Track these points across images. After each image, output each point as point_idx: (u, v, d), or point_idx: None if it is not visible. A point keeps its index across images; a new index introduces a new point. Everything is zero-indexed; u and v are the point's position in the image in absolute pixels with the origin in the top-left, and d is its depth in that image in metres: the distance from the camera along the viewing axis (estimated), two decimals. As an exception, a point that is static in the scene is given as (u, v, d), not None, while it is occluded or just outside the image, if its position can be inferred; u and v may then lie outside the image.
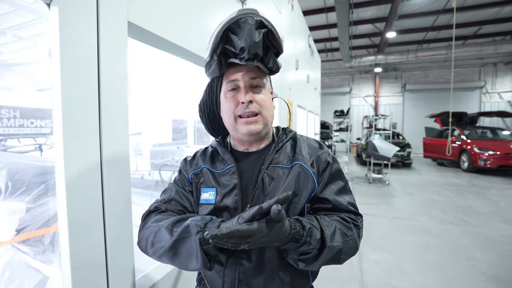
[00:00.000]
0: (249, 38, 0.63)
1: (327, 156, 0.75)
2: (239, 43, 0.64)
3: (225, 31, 0.65)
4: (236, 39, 0.65)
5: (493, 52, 9.66)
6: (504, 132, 8.57)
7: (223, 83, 0.74)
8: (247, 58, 0.66)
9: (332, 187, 0.73)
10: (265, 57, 0.70)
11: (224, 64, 0.70)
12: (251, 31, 0.64)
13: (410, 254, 2.89)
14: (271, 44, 0.69)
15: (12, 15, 1.22)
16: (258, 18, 0.65)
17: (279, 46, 0.71)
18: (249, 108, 0.69)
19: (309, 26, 5.69)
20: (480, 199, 4.97)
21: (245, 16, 0.64)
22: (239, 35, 0.65)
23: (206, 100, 0.78)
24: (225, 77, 0.73)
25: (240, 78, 0.70)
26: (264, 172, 0.71)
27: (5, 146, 1.39)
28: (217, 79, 0.75)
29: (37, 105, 1.17)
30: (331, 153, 0.78)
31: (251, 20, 0.64)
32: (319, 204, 0.72)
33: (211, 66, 0.71)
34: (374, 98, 14.57)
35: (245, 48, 0.64)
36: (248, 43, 0.63)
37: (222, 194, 0.72)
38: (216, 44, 0.66)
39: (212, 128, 0.83)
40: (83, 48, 0.69)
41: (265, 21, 0.65)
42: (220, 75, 0.74)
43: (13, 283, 1.03)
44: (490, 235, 3.33)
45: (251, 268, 0.65)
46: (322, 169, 0.73)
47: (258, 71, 0.72)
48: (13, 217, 1.01)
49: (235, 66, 0.71)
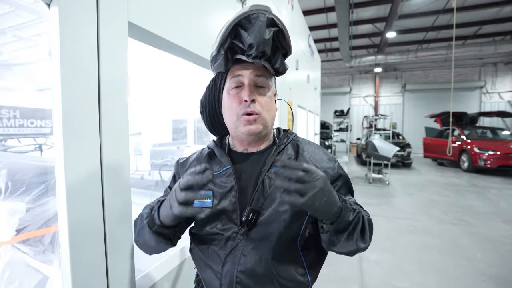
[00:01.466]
0: (259, 35, 0.62)
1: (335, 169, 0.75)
2: (248, 39, 0.63)
3: (235, 25, 0.63)
4: (246, 35, 0.63)
5: (493, 52, 9.66)
6: (504, 132, 8.57)
7: (227, 79, 0.72)
8: (255, 55, 0.64)
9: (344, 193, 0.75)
10: (273, 56, 0.70)
11: (230, 59, 0.69)
12: (261, 28, 0.62)
13: (410, 254, 2.89)
14: (280, 44, 0.68)
15: (12, 15, 1.22)
16: (270, 16, 0.63)
17: (288, 47, 0.70)
18: (251, 107, 0.68)
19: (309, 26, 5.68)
20: (480, 199, 4.97)
21: (257, 12, 0.63)
22: (249, 31, 0.63)
23: (209, 95, 0.77)
24: (229, 72, 0.71)
25: (245, 75, 0.69)
26: (265, 174, 0.71)
27: (5, 146, 1.39)
28: (222, 74, 0.74)
29: (37, 105, 1.17)
30: (338, 164, 0.77)
31: (262, 17, 0.62)
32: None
33: (217, 61, 0.70)
34: (374, 98, 14.57)
35: (254, 44, 0.63)
36: (257, 39, 0.62)
37: (219, 197, 0.71)
38: (224, 38, 0.65)
39: (212, 125, 0.82)
40: (83, 48, 0.69)
41: (276, 20, 0.64)
42: (225, 71, 0.72)
43: (13, 283, 1.03)
44: (490, 235, 3.33)
45: (249, 270, 0.65)
46: (332, 181, 0.73)
47: (264, 71, 0.71)
48: (13, 217, 1.01)
49: (241, 63, 0.70)
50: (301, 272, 0.70)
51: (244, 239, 0.67)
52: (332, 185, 0.74)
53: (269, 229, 0.67)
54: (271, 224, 0.67)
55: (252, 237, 0.67)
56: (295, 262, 0.69)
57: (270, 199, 0.69)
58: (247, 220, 0.67)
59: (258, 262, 0.65)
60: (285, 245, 0.67)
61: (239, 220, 0.68)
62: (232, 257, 0.66)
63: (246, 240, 0.67)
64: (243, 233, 0.67)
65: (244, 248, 0.66)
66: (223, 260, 0.67)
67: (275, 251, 0.66)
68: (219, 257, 0.68)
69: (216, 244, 0.69)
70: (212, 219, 0.72)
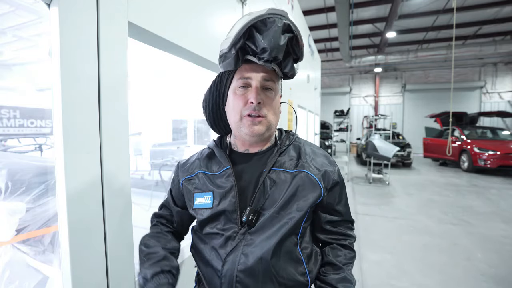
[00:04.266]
0: (274, 40, 0.61)
1: (336, 174, 0.76)
2: (262, 43, 0.62)
3: (250, 27, 0.62)
4: (260, 38, 0.62)
5: (493, 52, 9.66)
6: (504, 132, 8.57)
7: (234, 78, 0.72)
8: (266, 59, 0.63)
9: (342, 202, 0.77)
10: (283, 61, 0.69)
11: (240, 59, 0.68)
12: (277, 33, 0.61)
13: (410, 254, 2.89)
14: (293, 50, 0.68)
15: (12, 15, 1.22)
16: (286, 22, 0.63)
17: (301, 53, 0.69)
18: (257, 109, 0.68)
19: (309, 26, 5.69)
20: (480, 199, 4.97)
21: (273, 17, 0.62)
22: (264, 35, 0.62)
23: (214, 91, 0.77)
24: (238, 72, 0.71)
25: (254, 77, 0.69)
26: (266, 175, 0.71)
27: (5, 146, 1.39)
28: (229, 73, 0.73)
29: (37, 105, 1.17)
30: (338, 168, 0.79)
31: (279, 22, 0.62)
32: (331, 216, 0.76)
33: (226, 59, 0.69)
34: (374, 98, 14.57)
35: (267, 49, 0.62)
36: (271, 44, 0.61)
37: (219, 197, 0.71)
38: (238, 38, 0.63)
39: (214, 121, 0.81)
40: (83, 48, 0.69)
41: (292, 26, 0.64)
42: (233, 70, 0.72)
43: (13, 283, 1.02)
44: (490, 235, 3.33)
45: (249, 270, 0.65)
46: (332, 185, 0.74)
47: (272, 74, 0.71)
48: (13, 217, 1.01)
49: (251, 64, 0.69)
50: (300, 272, 0.70)
51: (244, 239, 0.67)
52: (332, 189, 0.75)
53: (269, 229, 0.67)
54: (271, 225, 0.67)
55: (253, 237, 0.67)
56: (295, 261, 0.70)
57: (271, 200, 0.69)
58: (247, 220, 0.67)
59: (258, 262, 0.65)
60: (285, 245, 0.67)
61: (239, 220, 0.69)
62: (232, 256, 0.66)
63: (247, 240, 0.67)
64: (243, 233, 0.68)
65: (245, 248, 0.66)
66: (223, 260, 0.67)
67: (275, 251, 0.66)
68: (220, 256, 0.68)
69: (217, 244, 0.69)
70: (212, 219, 0.72)
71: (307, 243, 0.74)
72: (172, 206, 0.85)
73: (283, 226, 0.67)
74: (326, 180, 0.73)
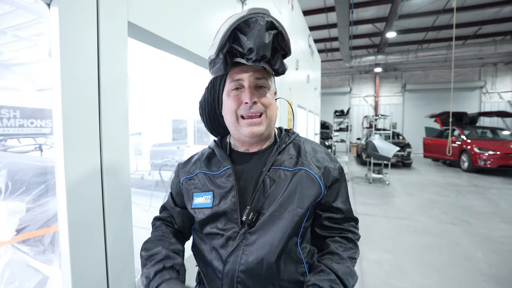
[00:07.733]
0: (259, 39, 0.61)
1: (336, 170, 0.75)
2: (248, 44, 0.62)
3: (234, 30, 0.62)
4: (245, 39, 0.62)
5: (493, 52, 9.65)
6: (504, 132, 8.56)
7: (226, 81, 0.72)
8: (255, 59, 0.63)
9: (341, 199, 0.76)
10: (272, 58, 0.69)
11: (229, 63, 0.68)
12: (261, 32, 0.61)
13: (410, 254, 2.89)
14: (279, 46, 0.68)
15: (12, 15, 1.22)
16: (269, 19, 0.63)
17: (288, 48, 0.69)
18: (253, 109, 0.68)
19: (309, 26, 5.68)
20: (480, 199, 4.97)
21: (255, 16, 0.62)
22: (248, 35, 0.62)
23: (208, 97, 0.77)
24: (229, 75, 0.71)
25: (245, 78, 0.69)
26: (266, 174, 0.71)
27: (5, 146, 1.39)
28: (221, 77, 0.73)
29: (37, 105, 1.17)
30: (339, 165, 0.78)
31: (261, 20, 0.62)
32: (331, 214, 0.75)
33: (215, 64, 0.69)
34: (374, 98, 14.56)
35: (254, 49, 0.62)
36: (257, 44, 0.61)
37: (219, 197, 0.71)
38: (223, 43, 0.64)
39: (212, 127, 0.82)
40: (83, 48, 0.69)
41: (275, 22, 0.64)
42: (224, 74, 0.72)
43: (13, 283, 1.02)
44: (490, 235, 3.33)
45: (250, 270, 0.65)
46: (332, 182, 0.74)
47: (263, 72, 0.71)
48: (13, 217, 1.01)
49: (241, 66, 0.70)
50: (301, 272, 0.70)
51: (245, 239, 0.67)
52: (331, 186, 0.74)
53: (270, 229, 0.67)
54: (271, 223, 0.67)
55: (253, 237, 0.67)
56: (296, 261, 0.70)
57: (271, 199, 0.69)
58: (247, 219, 0.67)
59: (259, 262, 0.65)
60: (285, 245, 0.67)
61: (239, 220, 0.69)
62: (233, 256, 0.66)
63: (247, 240, 0.67)
64: (244, 233, 0.68)
65: (246, 248, 0.66)
66: (224, 260, 0.67)
67: (276, 250, 0.66)
68: (221, 256, 0.68)
69: (217, 244, 0.69)
70: (212, 219, 0.72)
71: (306, 243, 0.74)
72: (173, 207, 0.85)
73: (284, 225, 0.67)
74: (326, 178, 0.73)
